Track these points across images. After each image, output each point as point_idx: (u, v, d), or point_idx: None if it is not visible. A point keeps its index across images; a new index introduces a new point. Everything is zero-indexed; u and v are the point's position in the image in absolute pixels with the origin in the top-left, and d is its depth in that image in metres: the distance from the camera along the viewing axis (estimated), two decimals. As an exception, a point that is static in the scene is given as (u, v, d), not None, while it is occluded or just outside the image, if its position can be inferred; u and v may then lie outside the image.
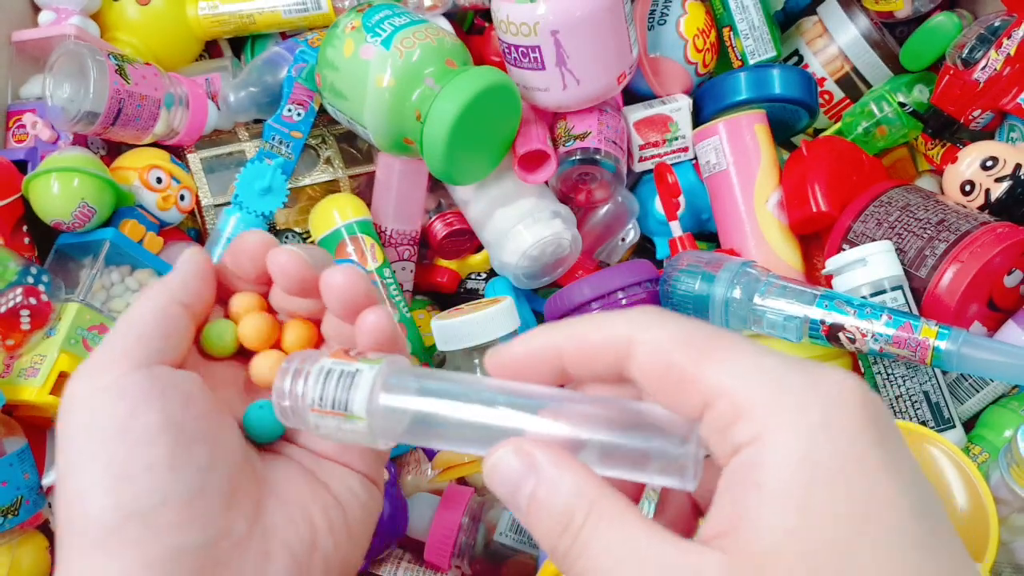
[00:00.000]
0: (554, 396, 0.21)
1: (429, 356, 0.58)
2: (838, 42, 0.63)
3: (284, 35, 0.63)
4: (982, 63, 0.55)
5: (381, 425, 0.23)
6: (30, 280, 0.48)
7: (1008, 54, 0.54)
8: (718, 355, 0.19)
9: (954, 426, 0.49)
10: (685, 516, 0.22)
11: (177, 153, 0.60)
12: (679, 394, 0.19)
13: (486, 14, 0.59)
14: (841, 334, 0.46)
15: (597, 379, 0.21)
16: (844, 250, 0.52)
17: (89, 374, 0.24)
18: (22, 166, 0.54)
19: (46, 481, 0.48)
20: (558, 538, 0.18)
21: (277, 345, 0.28)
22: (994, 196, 0.52)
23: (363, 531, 0.27)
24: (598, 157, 0.55)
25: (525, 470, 0.19)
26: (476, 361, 0.51)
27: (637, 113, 0.60)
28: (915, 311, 0.49)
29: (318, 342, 0.28)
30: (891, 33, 0.65)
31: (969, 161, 0.53)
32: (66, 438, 0.23)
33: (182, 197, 0.57)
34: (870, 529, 0.17)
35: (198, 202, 0.59)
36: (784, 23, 0.67)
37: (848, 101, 0.64)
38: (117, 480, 0.22)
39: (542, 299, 0.61)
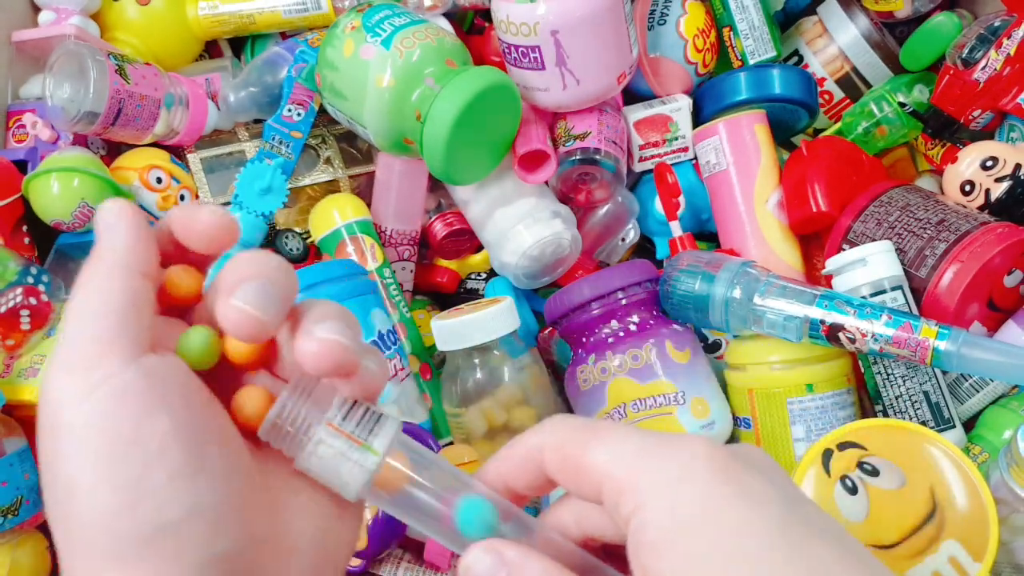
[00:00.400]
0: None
1: (429, 356, 0.58)
2: (838, 42, 0.63)
3: (284, 35, 0.63)
4: (982, 63, 0.55)
5: (381, 474, 0.23)
6: (30, 280, 0.48)
7: (1008, 54, 0.54)
8: (596, 442, 0.22)
9: (954, 426, 0.49)
10: None
11: (177, 153, 0.60)
12: (580, 484, 0.23)
13: (486, 14, 0.59)
14: (841, 334, 0.46)
15: (543, 488, 0.25)
16: (844, 250, 0.52)
17: (73, 371, 0.21)
18: (22, 166, 0.54)
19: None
20: None
21: (263, 363, 0.25)
22: (994, 196, 0.52)
23: (358, 514, 0.26)
24: (598, 157, 0.55)
25: (496, 565, 0.22)
26: (476, 361, 0.51)
27: (637, 113, 0.60)
28: (915, 311, 0.49)
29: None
30: (891, 33, 0.65)
31: (969, 161, 0.53)
32: (62, 454, 0.20)
33: (182, 197, 0.57)
34: (734, 557, 0.20)
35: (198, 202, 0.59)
36: (784, 23, 0.67)
37: (848, 101, 0.64)
38: (138, 498, 0.20)
39: (542, 299, 0.61)
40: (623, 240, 0.62)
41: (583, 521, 0.25)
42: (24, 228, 0.53)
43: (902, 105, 0.61)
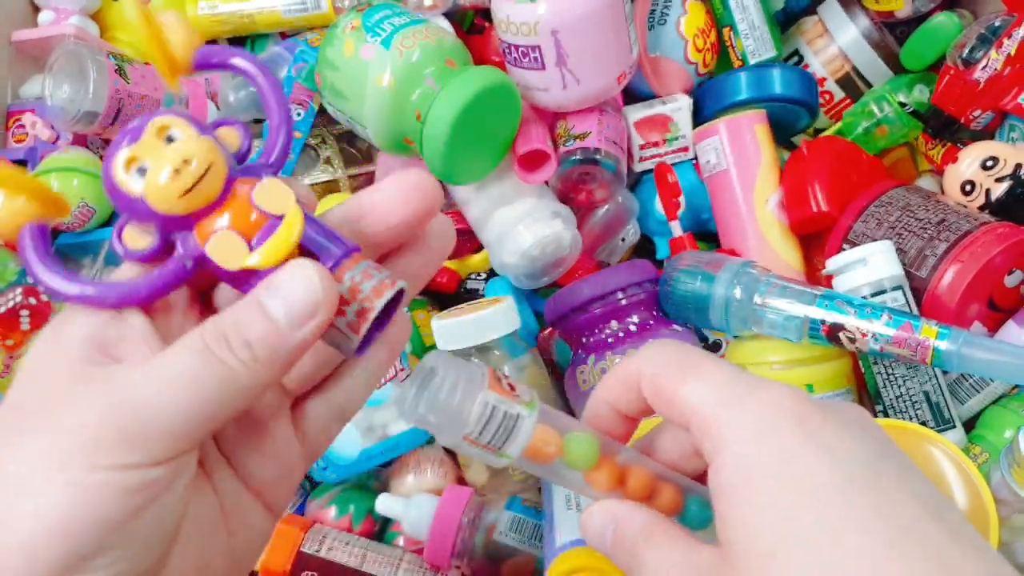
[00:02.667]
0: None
1: (429, 356, 0.58)
2: (838, 42, 0.63)
3: (284, 35, 0.63)
4: (982, 63, 0.55)
5: (520, 463, 0.25)
6: (30, 280, 0.48)
7: (1008, 54, 0.54)
8: (689, 379, 0.23)
9: (954, 426, 0.49)
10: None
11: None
12: (671, 415, 0.24)
13: (486, 14, 0.59)
14: (841, 334, 0.46)
15: (646, 411, 0.26)
16: (844, 250, 0.52)
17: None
18: (22, 166, 0.54)
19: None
20: (629, 557, 0.24)
21: None
22: (994, 196, 0.52)
23: (249, 560, 0.24)
24: (598, 157, 0.55)
25: (607, 521, 0.25)
26: (475, 361, 0.51)
27: (637, 113, 0.60)
28: (915, 311, 0.49)
29: None
30: (891, 33, 0.65)
31: (969, 161, 0.53)
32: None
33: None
34: (797, 511, 0.20)
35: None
36: (784, 23, 0.67)
37: (848, 101, 0.64)
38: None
39: (542, 299, 0.61)
40: (623, 240, 0.62)
41: (685, 451, 0.26)
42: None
43: (902, 105, 0.61)
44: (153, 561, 0.20)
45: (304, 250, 0.22)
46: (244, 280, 0.21)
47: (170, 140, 0.21)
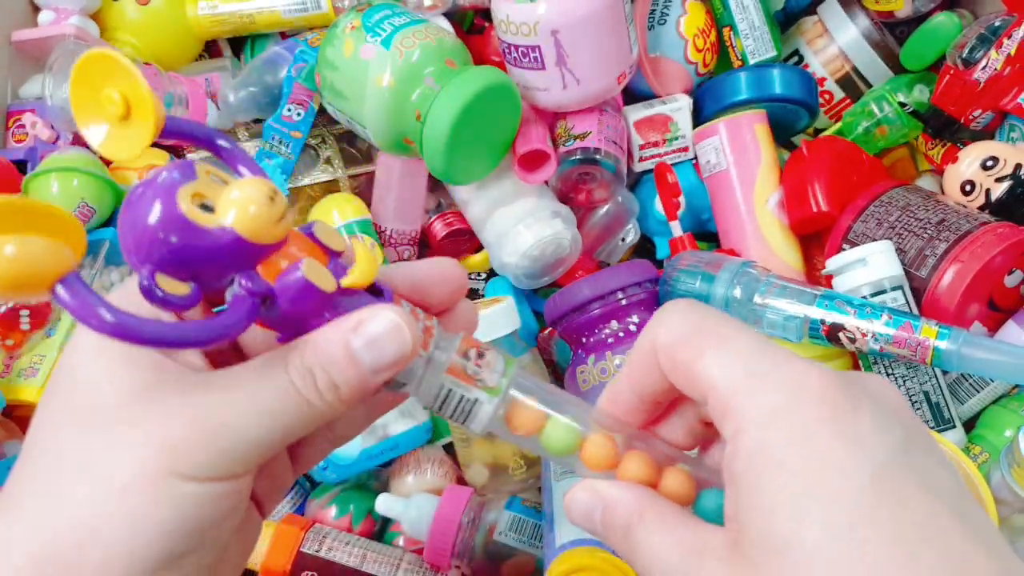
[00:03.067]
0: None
1: (429, 356, 0.58)
2: (838, 42, 0.63)
3: (284, 35, 0.63)
4: (982, 63, 0.55)
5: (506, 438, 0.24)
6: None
7: (1008, 54, 0.54)
8: (709, 351, 0.21)
9: (954, 426, 0.49)
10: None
11: (177, 153, 0.60)
12: (690, 388, 0.22)
13: (486, 14, 0.59)
14: (841, 334, 0.46)
15: (671, 391, 0.24)
16: (844, 250, 0.52)
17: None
18: (22, 166, 0.54)
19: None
20: (622, 541, 0.23)
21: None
22: (994, 196, 0.52)
23: (246, 555, 0.25)
24: (598, 157, 0.55)
25: (593, 501, 0.23)
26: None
27: (637, 113, 0.60)
28: (915, 311, 0.49)
29: None
30: (891, 33, 0.65)
31: (969, 161, 0.53)
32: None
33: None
34: (813, 500, 0.19)
35: (198, 202, 0.59)
36: (784, 23, 0.67)
37: (848, 101, 0.64)
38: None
39: (542, 299, 0.61)
40: (623, 240, 0.62)
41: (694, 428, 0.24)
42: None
43: (902, 105, 0.61)
44: (220, 564, 0.22)
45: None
46: (312, 318, 0.21)
47: (225, 184, 0.21)
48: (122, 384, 0.20)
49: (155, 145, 0.58)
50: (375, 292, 0.23)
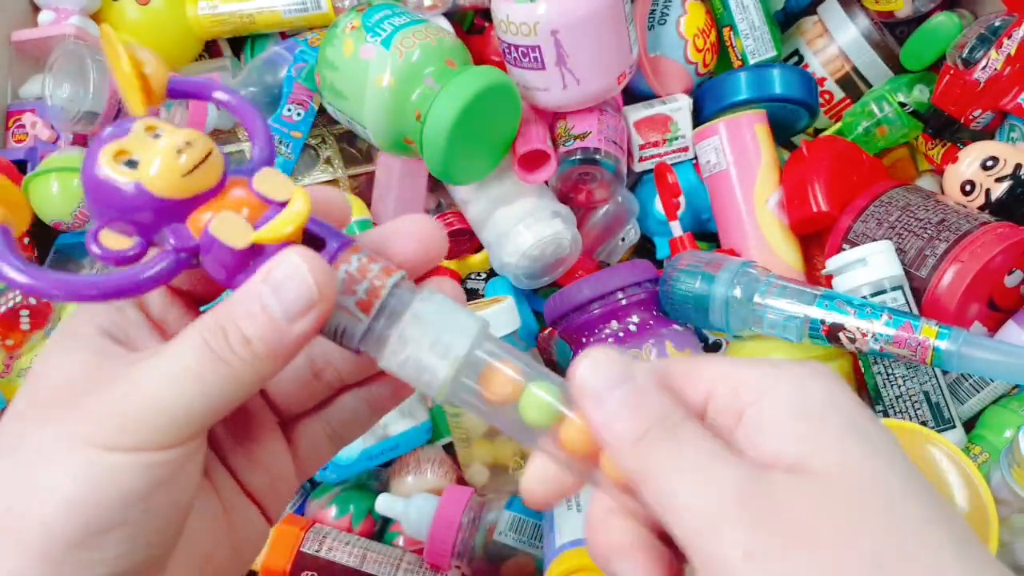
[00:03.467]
0: None
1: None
2: (838, 42, 0.63)
3: (284, 35, 0.63)
4: (982, 63, 0.55)
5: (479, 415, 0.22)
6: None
7: (1008, 54, 0.54)
8: (709, 360, 0.21)
9: (954, 426, 0.49)
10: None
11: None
12: (685, 390, 0.21)
13: (486, 14, 0.59)
14: (841, 334, 0.46)
15: None
16: (844, 250, 0.52)
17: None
18: (22, 166, 0.54)
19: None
20: (643, 434, 0.19)
21: None
22: (994, 196, 0.52)
23: (250, 554, 0.24)
24: (598, 157, 0.55)
25: (625, 374, 0.20)
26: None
27: (637, 113, 0.60)
28: (915, 311, 0.49)
29: None
30: (891, 33, 0.65)
31: (969, 161, 0.53)
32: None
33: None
34: (849, 445, 0.19)
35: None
36: (784, 23, 0.67)
37: (848, 101, 0.64)
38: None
39: (542, 299, 0.61)
40: (623, 240, 0.62)
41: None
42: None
43: (902, 105, 0.61)
44: (162, 544, 0.21)
45: (308, 235, 0.21)
46: (238, 273, 0.21)
47: (157, 135, 0.21)
48: (62, 372, 0.21)
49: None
50: (317, 245, 0.21)
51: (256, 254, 0.21)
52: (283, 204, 0.21)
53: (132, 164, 0.20)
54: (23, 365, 0.49)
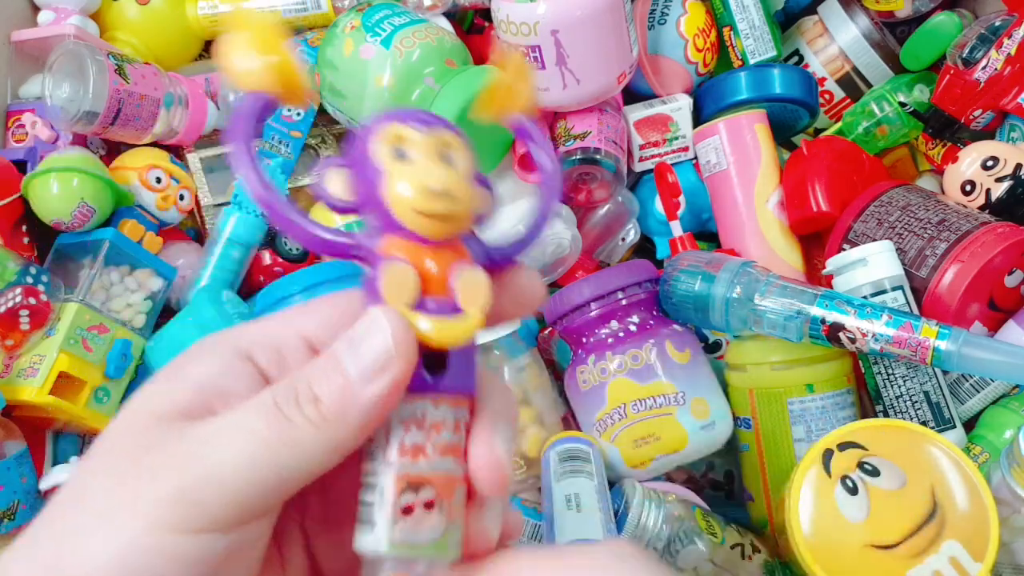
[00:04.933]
0: None
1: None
2: (838, 42, 0.63)
3: (284, 35, 0.63)
4: (983, 63, 0.55)
5: None
6: (29, 280, 0.48)
7: (1009, 54, 0.54)
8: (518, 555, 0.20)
9: (954, 426, 0.49)
10: None
11: (177, 153, 0.60)
12: None
13: (486, 13, 0.59)
14: (841, 334, 0.46)
15: None
16: (844, 250, 0.52)
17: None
18: (22, 166, 0.54)
19: (43, 485, 0.48)
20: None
21: None
22: (995, 196, 0.52)
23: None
24: (598, 157, 0.55)
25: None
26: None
27: (637, 113, 0.60)
28: (915, 311, 0.49)
29: None
30: (891, 33, 0.65)
31: (970, 161, 0.53)
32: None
33: (181, 197, 0.57)
34: None
35: (197, 202, 0.59)
36: (784, 23, 0.66)
37: (848, 101, 0.64)
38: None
39: (542, 299, 0.61)
40: (623, 240, 0.62)
41: None
42: (24, 228, 0.53)
43: (903, 105, 0.61)
44: None
45: (439, 354, 0.20)
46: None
47: (445, 159, 0.20)
48: (126, 438, 0.19)
49: (154, 145, 0.58)
50: (439, 365, 0.20)
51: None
52: (456, 309, 0.20)
53: (401, 155, 0.19)
54: (23, 365, 0.49)
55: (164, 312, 0.55)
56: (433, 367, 0.20)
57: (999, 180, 0.52)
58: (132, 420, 0.19)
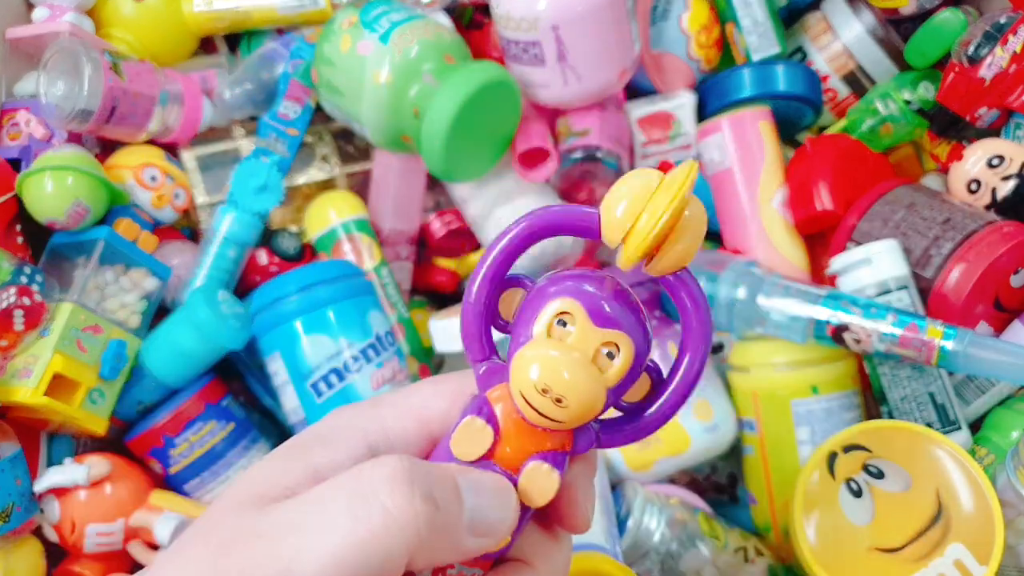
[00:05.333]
0: None
1: (428, 357, 0.58)
2: (843, 39, 0.63)
3: (280, 31, 0.63)
4: (988, 60, 0.54)
5: None
6: (23, 280, 0.48)
7: (1014, 51, 0.53)
8: None
9: (960, 428, 0.48)
10: None
11: (172, 151, 0.59)
12: None
13: (485, 9, 0.58)
14: (846, 334, 0.45)
15: None
16: (849, 249, 0.52)
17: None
18: (16, 164, 0.53)
19: (38, 487, 0.48)
20: None
21: None
22: (1000, 195, 0.52)
23: None
24: (599, 155, 0.55)
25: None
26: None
27: (639, 110, 0.60)
28: (921, 311, 0.49)
29: None
30: (896, 30, 0.64)
31: (975, 159, 0.53)
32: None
33: (177, 195, 0.57)
34: None
35: (192, 201, 0.58)
36: (788, 19, 0.66)
37: (853, 98, 0.64)
38: None
39: (542, 299, 0.60)
40: (624, 239, 0.62)
41: None
42: (18, 227, 0.53)
43: (907, 102, 0.60)
44: None
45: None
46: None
47: (610, 356, 0.20)
48: (213, 524, 0.20)
49: (149, 143, 0.58)
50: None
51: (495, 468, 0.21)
52: (533, 510, 0.21)
53: (562, 324, 0.20)
54: (17, 366, 0.48)
55: (159, 312, 0.55)
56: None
57: (1005, 178, 0.52)
58: (209, 517, 0.20)
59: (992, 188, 0.52)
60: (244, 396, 0.57)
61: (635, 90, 0.62)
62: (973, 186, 0.53)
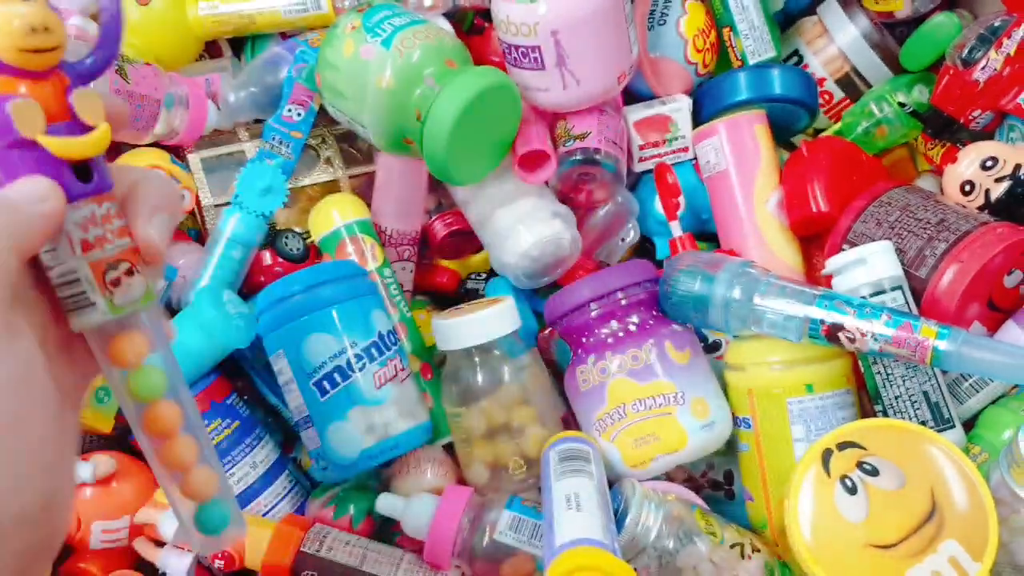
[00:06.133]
0: None
1: (430, 356, 0.58)
2: (838, 42, 0.63)
3: (284, 35, 0.63)
4: (982, 63, 0.55)
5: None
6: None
7: (1008, 54, 0.54)
8: None
9: (954, 426, 0.49)
10: None
11: (177, 153, 0.60)
12: None
13: (486, 14, 0.59)
14: (841, 334, 0.46)
15: None
16: (844, 250, 0.52)
17: None
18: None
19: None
20: None
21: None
22: (994, 196, 0.52)
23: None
24: (598, 157, 0.55)
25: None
26: (476, 361, 0.52)
27: (637, 113, 0.60)
28: (915, 311, 0.49)
29: None
30: (891, 33, 0.65)
31: (969, 161, 0.53)
32: None
33: (182, 197, 0.57)
34: None
35: (198, 202, 0.59)
36: (784, 23, 0.67)
37: (848, 101, 0.64)
38: None
39: (542, 299, 0.61)
40: (623, 240, 0.62)
41: None
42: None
43: (902, 105, 0.61)
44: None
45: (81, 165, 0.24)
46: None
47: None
48: None
49: (155, 145, 0.58)
50: (85, 174, 0.24)
51: (24, 148, 0.23)
52: (84, 126, 0.24)
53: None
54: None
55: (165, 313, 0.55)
56: (82, 176, 0.24)
57: (998, 180, 0.52)
58: None
59: (986, 190, 0.53)
60: (249, 394, 0.58)
61: (633, 94, 0.62)
62: (967, 188, 0.53)
